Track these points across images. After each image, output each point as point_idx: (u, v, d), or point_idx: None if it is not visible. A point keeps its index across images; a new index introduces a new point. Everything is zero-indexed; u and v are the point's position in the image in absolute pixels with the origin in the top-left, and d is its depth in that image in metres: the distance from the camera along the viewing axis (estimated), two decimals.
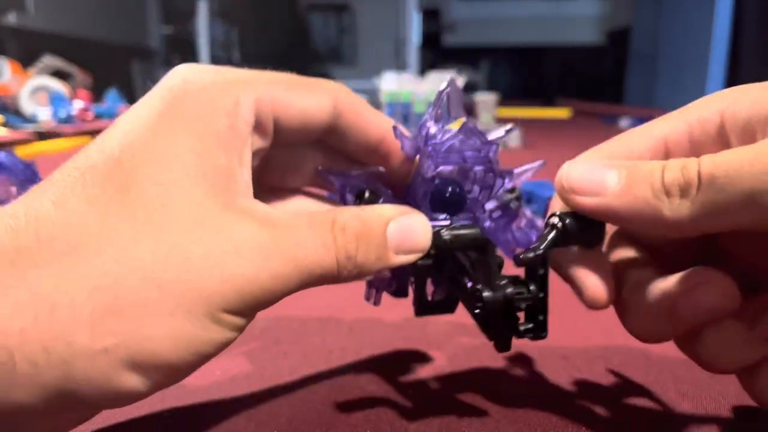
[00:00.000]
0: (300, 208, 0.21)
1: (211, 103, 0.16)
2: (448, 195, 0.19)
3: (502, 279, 0.17)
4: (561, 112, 1.87)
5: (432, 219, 0.19)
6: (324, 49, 3.58)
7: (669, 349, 0.18)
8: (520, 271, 0.17)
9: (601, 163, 0.17)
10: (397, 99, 1.08)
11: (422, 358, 0.24)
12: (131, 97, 2.32)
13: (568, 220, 0.17)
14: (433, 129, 0.19)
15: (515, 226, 0.21)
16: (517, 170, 0.20)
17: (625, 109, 1.83)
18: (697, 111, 0.17)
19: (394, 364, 0.24)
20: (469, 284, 0.17)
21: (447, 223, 0.19)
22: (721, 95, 0.17)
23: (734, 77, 2.00)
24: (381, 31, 3.36)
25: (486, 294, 0.16)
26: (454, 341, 0.26)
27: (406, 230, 0.17)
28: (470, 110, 1.14)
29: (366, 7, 3.44)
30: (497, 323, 0.17)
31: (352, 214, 0.17)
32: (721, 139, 0.16)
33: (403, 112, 1.09)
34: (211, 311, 0.14)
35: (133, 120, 0.16)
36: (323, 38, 3.58)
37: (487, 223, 0.20)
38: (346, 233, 0.16)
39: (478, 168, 0.19)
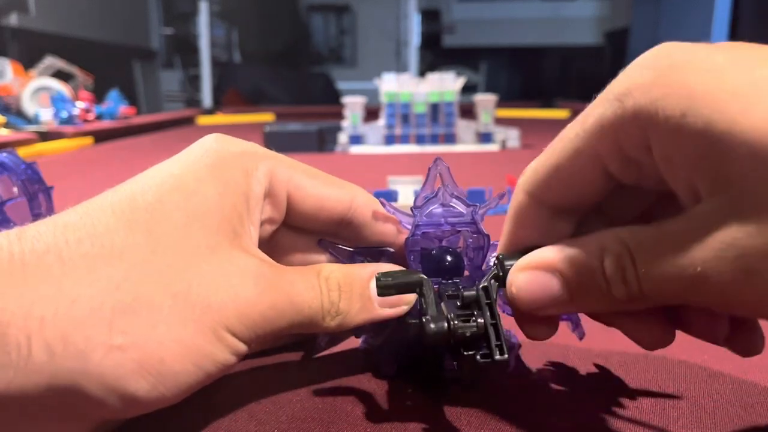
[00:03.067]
0: None
1: (234, 160, 0.18)
2: (447, 263, 0.20)
3: (457, 313, 0.17)
4: (559, 113, 1.87)
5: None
6: (324, 49, 3.58)
7: (668, 350, 0.18)
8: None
9: (541, 272, 0.16)
10: (396, 100, 1.08)
11: None
12: (133, 97, 2.32)
13: (506, 262, 0.18)
14: (420, 201, 0.21)
15: None
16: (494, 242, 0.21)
17: None
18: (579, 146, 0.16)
19: None
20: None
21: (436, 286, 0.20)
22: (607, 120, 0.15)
23: None
24: (381, 32, 3.37)
25: (430, 326, 0.17)
26: None
27: None
28: (470, 111, 1.14)
29: (366, 8, 3.44)
30: (451, 350, 0.18)
31: (335, 267, 0.19)
32: (650, 157, 0.14)
33: (403, 113, 1.09)
34: (216, 327, 0.15)
35: (165, 164, 0.18)
36: (323, 39, 3.58)
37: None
38: (330, 282, 0.18)
39: (464, 230, 0.20)
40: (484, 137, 1.11)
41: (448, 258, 0.20)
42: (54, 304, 0.14)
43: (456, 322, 0.17)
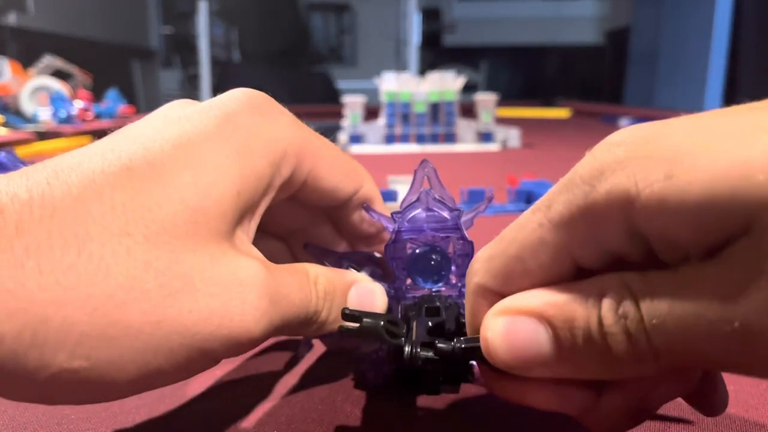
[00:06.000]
0: (268, 251, 0.22)
1: (262, 144, 0.16)
2: (432, 263, 0.19)
3: (423, 340, 0.17)
4: (560, 112, 1.87)
5: (409, 289, 0.20)
6: (324, 49, 3.58)
7: None
8: None
9: (524, 318, 0.13)
10: (396, 99, 1.08)
11: None
12: (132, 97, 2.32)
13: None
14: (403, 205, 0.20)
15: None
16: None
17: (625, 109, 1.83)
18: (599, 200, 0.12)
19: None
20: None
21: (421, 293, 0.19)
22: (620, 169, 0.11)
23: (734, 77, 2.00)
24: (381, 31, 3.36)
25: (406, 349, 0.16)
26: None
27: (365, 296, 0.18)
28: (470, 111, 1.14)
29: (366, 7, 3.44)
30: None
31: (321, 271, 0.17)
32: (636, 242, 0.12)
33: (403, 113, 1.09)
34: (194, 355, 0.14)
35: (185, 131, 0.15)
36: (323, 38, 3.57)
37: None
38: (318, 288, 0.17)
39: (450, 236, 0.19)
40: (485, 137, 1.11)
41: (434, 257, 0.19)
42: (20, 323, 0.12)
43: (417, 349, 0.16)
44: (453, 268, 0.20)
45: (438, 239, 0.19)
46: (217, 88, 2.75)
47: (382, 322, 0.16)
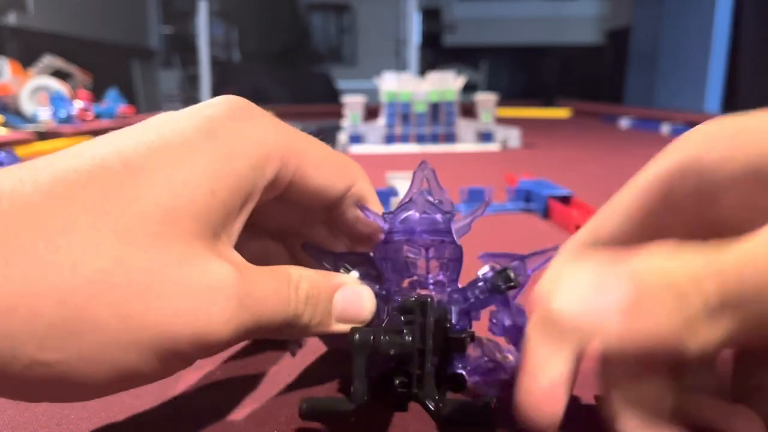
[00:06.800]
0: (264, 251, 0.22)
1: (243, 147, 0.16)
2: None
3: (391, 328, 0.16)
4: (561, 112, 1.87)
5: (399, 291, 0.19)
6: (324, 49, 3.58)
7: None
8: None
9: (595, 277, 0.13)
10: (396, 99, 1.08)
11: None
12: (131, 96, 2.32)
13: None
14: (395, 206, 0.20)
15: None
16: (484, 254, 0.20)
17: (625, 109, 1.83)
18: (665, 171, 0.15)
19: None
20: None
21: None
22: (687, 149, 0.15)
23: (734, 77, 2.00)
24: (381, 31, 3.36)
25: (354, 337, 0.16)
26: None
27: (352, 299, 0.18)
28: (470, 111, 1.14)
29: (366, 7, 3.44)
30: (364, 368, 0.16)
31: (304, 274, 0.17)
32: (704, 200, 0.14)
33: (403, 112, 1.09)
34: (164, 354, 0.14)
35: (166, 125, 0.16)
36: (323, 38, 3.57)
37: (471, 299, 0.20)
38: (299, 292, 0.16)
39: (443, 239, 0.19)
40: (485, 137, 1.11)
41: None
42: None
43: (383, 336, 0.15)
44: (447, 273, 0.19)
45: (428, 242, 0.19)
46: (217, 88, 2.76)
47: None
